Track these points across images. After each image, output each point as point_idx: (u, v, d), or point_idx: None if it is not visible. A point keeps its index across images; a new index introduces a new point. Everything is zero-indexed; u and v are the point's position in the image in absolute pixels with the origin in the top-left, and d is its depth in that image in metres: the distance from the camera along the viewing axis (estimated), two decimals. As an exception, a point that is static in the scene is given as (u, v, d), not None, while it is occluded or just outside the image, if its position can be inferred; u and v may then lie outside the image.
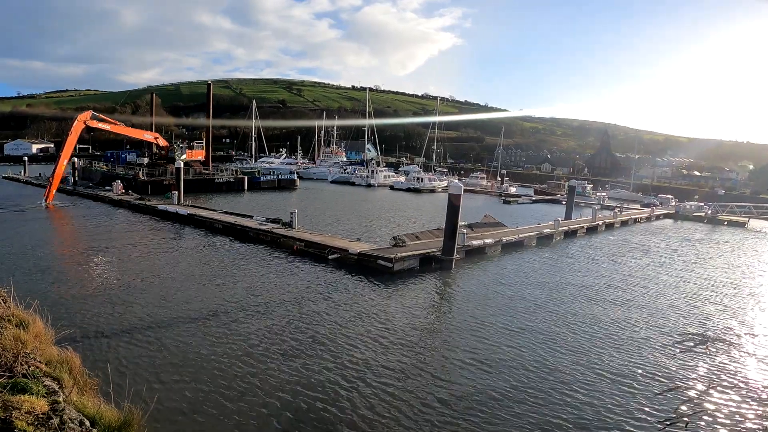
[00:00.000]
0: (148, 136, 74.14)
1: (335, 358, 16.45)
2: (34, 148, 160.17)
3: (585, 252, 40.34)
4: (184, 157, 71.36)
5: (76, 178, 69.38)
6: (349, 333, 18.85)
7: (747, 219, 70.54)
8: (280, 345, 17.35)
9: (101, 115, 62.16)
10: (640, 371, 16.81)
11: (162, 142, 75.37)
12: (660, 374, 16.71)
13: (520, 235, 40.41)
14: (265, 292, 23.69)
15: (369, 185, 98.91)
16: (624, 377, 16.30)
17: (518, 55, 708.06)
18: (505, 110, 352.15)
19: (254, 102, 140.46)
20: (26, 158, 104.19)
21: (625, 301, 25.85)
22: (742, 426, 12.86)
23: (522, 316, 22.18)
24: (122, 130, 65.99)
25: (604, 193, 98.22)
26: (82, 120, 56.69)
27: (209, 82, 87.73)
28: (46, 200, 51.04)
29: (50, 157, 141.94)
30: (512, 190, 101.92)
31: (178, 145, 76.77)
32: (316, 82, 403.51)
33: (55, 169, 54.48)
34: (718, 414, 13.70)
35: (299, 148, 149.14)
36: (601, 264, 35.68)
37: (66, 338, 11.98)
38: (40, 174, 77.25)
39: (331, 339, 18.14)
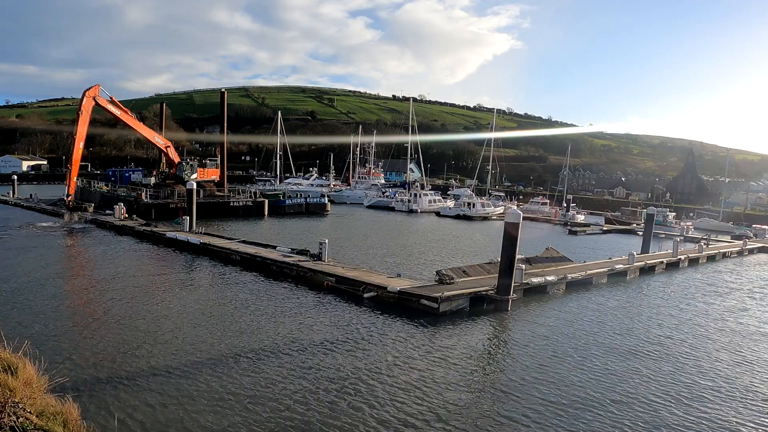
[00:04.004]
0: (159, 140, 75.36)
1: (373, 417, 16.35)
2: (25, 165, 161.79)
3: (665, 292, 39.73)
4: (194, 176, 72.43)
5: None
6: (387, 387, 18.74)
7: None
8: (305, 402, 17.34)
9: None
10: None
11: (174, 154, 76.85)
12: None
13: (588, 272, 39.94)
14: (288, 336, 23.80)
15: (411, 211, 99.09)
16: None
17: (586, 60, 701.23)
18: (571, 125, 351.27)
19: (279, 113, 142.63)
20: (15, 177, 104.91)
21: (716, 356, 25.14)
22: None
23: (591, 371, 21.73)
24: (131, 121, 67.52)
25: (688, 223, 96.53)
26: (91, 96, 58.69)
27: (223, 89, 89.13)
28: (68, 193, 53.41)
29: (43, 176, 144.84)
30: (579, 218, 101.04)
31: (187, 162, 78.14)
32: (350, 91, 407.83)
33: (71, 156, 57.03)
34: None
35: (331, 167, 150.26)
36: (685, 307, 34.97)
37: (62, 386, 12.15)
38: (31, 195, 78.56)
39: (369, 392, 18.06)
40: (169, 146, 76.15)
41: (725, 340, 27.63)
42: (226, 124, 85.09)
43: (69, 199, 61.47)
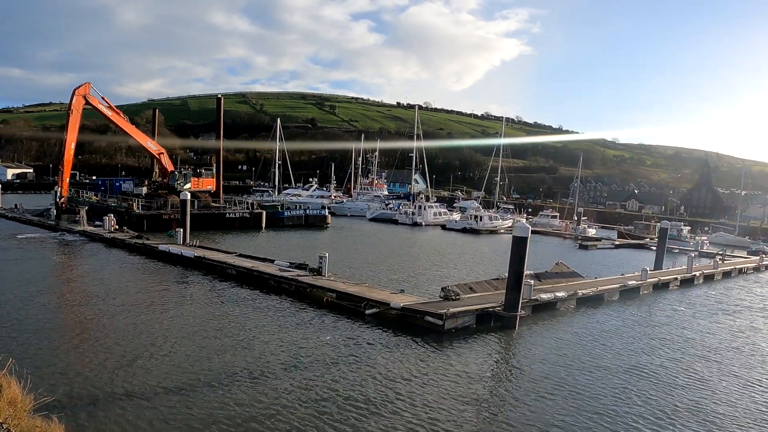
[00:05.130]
0: (152, 146, 75.60)
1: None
2: (10, 173, 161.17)
3: (679, 309, 39.89)
4: (188, 186, 72.54)
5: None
6: (390, 407, 18.75)
7: None
8: (304, 423, 17.35)
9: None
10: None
11: (167, 161, 77.00)
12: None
13: (600, 288, 40.11)
14: (286, 354, 23.83)
15: (415, 224, 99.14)
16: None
17: (598, 66, 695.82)
18: (582, 133, 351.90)
19: (278, 121, 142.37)
20: None
21: (732, 379, 25.02)
22: None
23: (602, 392, 21.74)
24: (123, 123, 67.91)
25: (703, 237, 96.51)
26: (81, 94, 59.00)
27: (220, 95, 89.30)
28: (60, 194, 54.10)
29: (29, 185, 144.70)
30: (591, 232, 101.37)
31: (180, 172, 78.26)
32: (352, 98, 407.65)
33: (62, 158, 57.70)
34: None
35: (332, 177, 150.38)
36: (699, 325, 35.11)
37: (48, 406, 12.20)
38: (16, 205, 78.15)
39: (371, 412, 18.07)
40: (162, 153, 76.35)
41: (742, 361, 27.65)
42: (222, 132, 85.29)
43: (62, 201, 62.17)
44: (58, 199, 62.38)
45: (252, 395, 19.14)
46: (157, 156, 75.57)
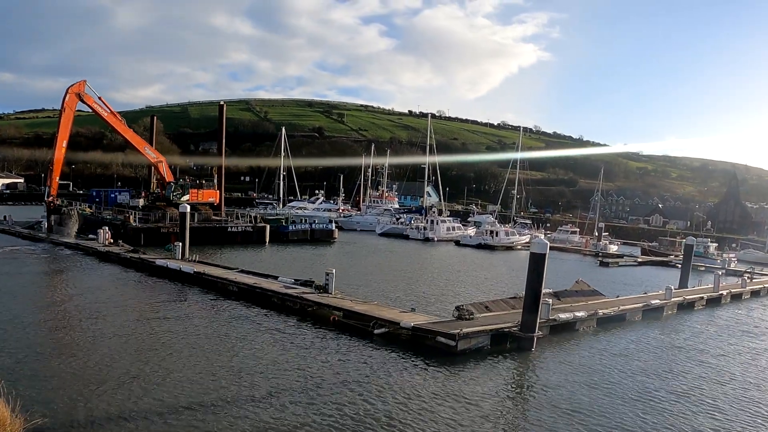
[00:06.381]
0: (150, 152, 75.86)
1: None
2: (0, 183, 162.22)
3: (705, 331, 39.78)
4: (185, 198, 72.73)
5: (52, 223, 70.00)
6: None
7: None
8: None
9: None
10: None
11: (167, 170, 77.34)
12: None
13: (621, 307, 39.91)
14: (291, 376, 23.84)
15: (427, 239, 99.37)
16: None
17: (621, 74, 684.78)
18: (604, 146, 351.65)
19: (283, 129, 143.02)
20: None
21: (762, 407, 25.04)
22: None
23: (624, 418, 21.64)
24: (120, 126, 68.54)
25: (731, 255, 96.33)
26: (76, 92, 59.33)
27: (222, 102, 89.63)
28: (49, 193, 54.91)
29: (20, 196, 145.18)
30: (612, 248, 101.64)
31: (177, 183, 78.67)
32: (362, 106, 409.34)
33: (53, 157, 58.26)
34: None
35: (340, 190, 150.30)
36: (726, 347, 34.95)
37: (38, 428, 12.29)
38: (5, 217, 78.28)
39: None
40: (161, 162, 76.54)
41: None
42: (224, 141, 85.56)
43: (50, 199, 62.87)
44: (47, 198, 63.19)
45: (255, 420, 19.15)
46: (155, 164, 75.72)
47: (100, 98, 65.21)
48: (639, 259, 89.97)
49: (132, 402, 19.91)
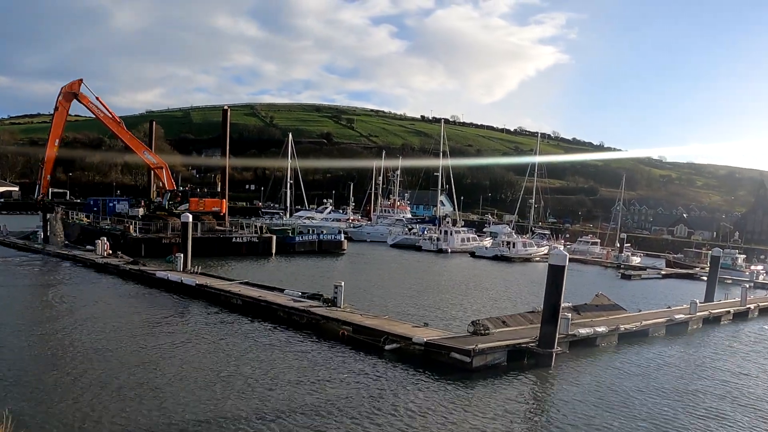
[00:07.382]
0: (150, 157, 76.23)
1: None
2: None
3: (731, 346, 39.68)
4: (183, 207, 72.85)
5: (48, 233, 70.16)
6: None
7: None
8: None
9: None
10: None
11: (168, 177, 77.50)
12: None
13: (644, 322, 39.73)
14: (297, 394, 23.88)
15: (441, 251, 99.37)
16: None
17: (643, 77, 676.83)
18: (626, 151, 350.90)
19: (290, 135, 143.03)
20: None
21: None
22: None
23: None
24: (117, 128, 68.50)
25: (759, 267, 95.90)
26: (71, 91, 60.20)
27: (226, 107, 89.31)
28: (39, 191, 55.61)
29: (14, 205, 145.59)
30: (635, 260, 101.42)
31: (173, 191, 78.83)
32: (372, 111, 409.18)
33: (44, 156, 58.91)
34: None
35: (350, 199, 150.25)
36: (753, 364, 34.80)
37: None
38: None
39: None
40: (162, 167, 76.70)
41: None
42: (228, 147, 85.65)
43: (39, 197, 63.36)
44: (36, 197, 63.95)
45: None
46: (155, 170, 75.81)
47: (97, 98, 65.63)
48: (663, 272, 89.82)
49: (129, 422, 19.97)
